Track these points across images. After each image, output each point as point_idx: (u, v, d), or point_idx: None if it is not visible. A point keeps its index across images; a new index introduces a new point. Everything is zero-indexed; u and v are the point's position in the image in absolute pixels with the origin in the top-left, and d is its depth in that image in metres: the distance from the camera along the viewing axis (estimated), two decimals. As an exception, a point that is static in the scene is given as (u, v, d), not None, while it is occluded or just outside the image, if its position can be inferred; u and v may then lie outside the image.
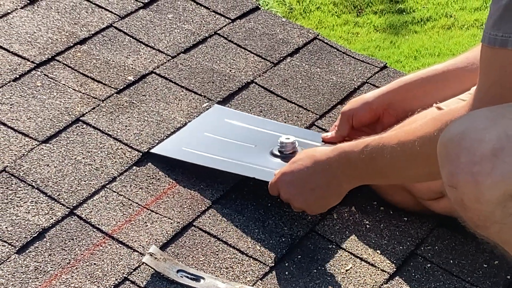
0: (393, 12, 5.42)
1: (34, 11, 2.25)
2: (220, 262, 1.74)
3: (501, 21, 1.43)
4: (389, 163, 1.66)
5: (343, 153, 1.73)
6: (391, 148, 1.64)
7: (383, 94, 1.95)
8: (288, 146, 1.93)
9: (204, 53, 2.26)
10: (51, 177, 1.83)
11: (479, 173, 1.41)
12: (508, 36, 1.43)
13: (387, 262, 1.81)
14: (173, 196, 1.86)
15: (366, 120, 1.96)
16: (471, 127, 1.44)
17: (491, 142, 1.40)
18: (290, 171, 1.79)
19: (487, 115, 1.44)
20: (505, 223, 1.44)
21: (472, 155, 1.42)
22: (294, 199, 1.80)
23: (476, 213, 1.45)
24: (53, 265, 1.67)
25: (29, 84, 2.04)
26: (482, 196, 1.42)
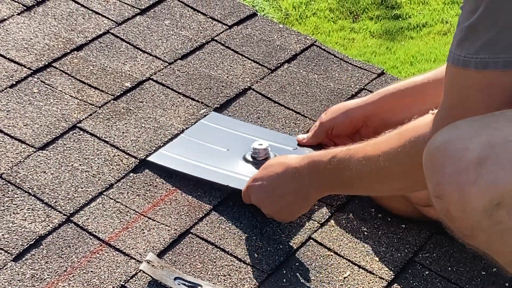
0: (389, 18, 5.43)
1: (30, 18, 2.24)
2: (218, 269, 1.74)
3: (464, 42, 1.45)
4: (355, 176, 1.68)
5: (312, 162, 1.75)
6: (357, 161, 1.66)
7: (363, 105, 1.96)
8: (261, 152, 1.94)
9: (201, 59, 2.25)
10: (48, 184, 1.82)
11: (464, 183, 1.41)
12: (471, 57, 1.44)
13: (385, 269, 1.80)
14: (170, 203, 1.85)
15: (345, 132, 1.98)
16: (455, 137, 1.44)
17: (475, 151, 1.40)
18: (260, 177, 1.81)
19: (471, 124, 1.45)
20: (492, 232, 1.43)
21: (456, 165, 1.42)
22: (264, 204, 1.81)
23: (463, 222, 1.45)
24: (50, 272, 1.66)
25: (25, 90, 2.04)
26: (468, 205, 1.41)
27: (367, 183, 1.70)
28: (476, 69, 1.44)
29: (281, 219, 1.83)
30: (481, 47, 1.43)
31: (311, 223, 1.88)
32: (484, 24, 1.42)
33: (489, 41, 1.42)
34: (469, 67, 1.45)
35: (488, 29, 1.42)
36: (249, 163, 1.94)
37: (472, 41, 1.44)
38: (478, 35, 1.43)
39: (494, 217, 1.41)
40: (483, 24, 1.42)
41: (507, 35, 1.41)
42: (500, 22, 1.41)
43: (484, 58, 1.43)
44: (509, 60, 1.42)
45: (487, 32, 1.42)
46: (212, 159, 1.95)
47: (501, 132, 1.41)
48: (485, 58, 1.43)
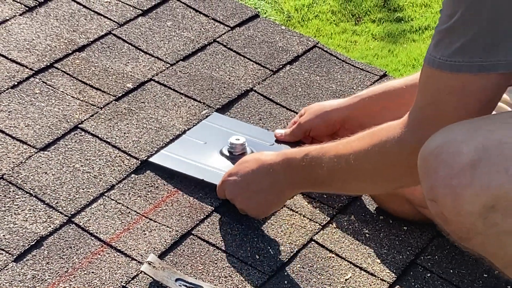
0: (391, 21, 5.42)
1: (32, 18, 2.24)
2: (219, 271, 1.73)
3: (440, 44, 1.46)
4: (326, 174, 1.69)
5: (286, 159, 1.76)
6: (329, 159, 1.68)
7: (340, 108, 1.97)
8: (238, 147, 1.94)
9: (203, 60, 2.25)
10: (49, 184, 1.82)
11: (458, 186, 1.41)
12: (445, 59, 1.46)
13: (386, 271, 1.80)
14: (171, 204, 1.85)
15: (322, 134, 1.99)
16: (448, 140, 1.44)
17: (468, 154, 1.40)
18: (235, 172, 1.81)
19: (464, 127, 1.45)
20: (487, 234, 1.43)
21: (450, 168, 1.42)
22: (237, 199, 1.81)
23: (458, 225, 1.45)
24: (51, 273, 1.66)
25: (27, 91, 2.03)
26: (462, 208, 1.42)
27: (338, 181, 1.71)
28: (451, 71, 1.46)
29: (254, 214, 1.83)
30: (456, 51, 1.45)
31: (312, 225, 1.87)
32: (461, 29, 1.44)
33: (464, 45, 1.44)
34: (443, 69, 1.47)
35: (464, 33, 1.43)
36: (226, 158, 1.95)
37: (448, 44, 1.45)
38: (454, 38, 1.44)
39: (488, 220, 1.41)
40: (460, 29, 1.44)
41: (481, 40, 1.43)
42: (475, 27, 1.42)
43: (458, 61, 1.45)
44: (482, 64, 1.44)
45: (463, 36, 1.43)
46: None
47: (495, 134, 1.41)
48: (460, 62, 1.45)
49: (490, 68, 1.44)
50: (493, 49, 1.43)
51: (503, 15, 1.41)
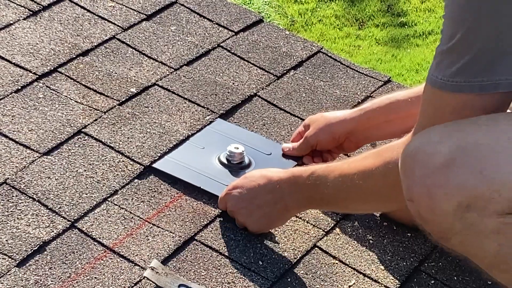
0: (394, 26, 5.42)
1: (36, 22, 2.24)
2: (222, 276, 1.73)
3: (442, 65, 1.48)
4: (332, 193, 1.70)
5: (292, 177, 1.77)
6: (334, 179, 1.68)
7: (346, 121, 1.98)
8: (236, 156, 1.94)
9: (207, 65, 2.25)
10: (52, 189, 1.82)
11: (432, 185, 1.44)
12: (447, 80, 1.47)
13: (390, 278, 1.79)
14: (175, 209, 1.84)
15: (328, 147, 2.00)
16: (425, 141, 1.47)
17: (444, 154, 1.43)
18: (240, 185, 1.82)
19: (442, 129, 1.48)
20: (465, 234, 1.46)
21: (425, 168, 1.45)
22: (240, 212, 1.81)
23: (436, 225, 1.48)
24: (54, 278, 1.65)
25: (31, 95, 2.03)
26: (437, 208, 1.44)
27: (343, 201, 1.72)
28: (452, 91, 1.48)
29: (254, 229, 1.82)
30: (457, 71, 1.46)
31: (316, 231, 1.87)
32: (461, 49, 1.45)
33: (464, 65, 1.45)
34: (445, 90, 1.48)
35: (464, 54, 1.45)
36: (223, 166, 1.95)
37: (449, 64, 1.47)
38: (454, 59, 1.46)
39: (465, 220, 1.44)
40: (460, 49, 1.45)
41: (481, 60, 1.44)
42: (475, 48, 1.44)
43: (459, 81, 1.46)
44: (483, 84, 1.45)
45: (463, 57, 1.45)
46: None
47: (471, 136, 1.44)
48: (461, 82, 1.46)
49: (491, 88, 1.45)
50: (493, 68, 1.44)
51: (502, 35, 1.42)
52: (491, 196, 1.41)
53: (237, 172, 1.93)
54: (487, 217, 1.43)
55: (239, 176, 1.89)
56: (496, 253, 1.47)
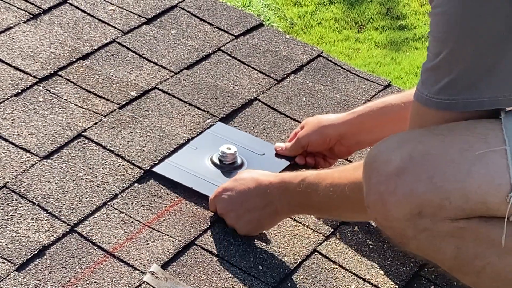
0: (394, 29, 5.42)
1: (37, 26, 2.23)
2: (222, 281, 1.73)
3: (427, 81, 1.50)
4: (322, 201, 1.71)
5: (283, 182, 1.77)
6: (324, 187, 1.69)
7: (338, 124, 1.98)
8: (229, 156, 1.94)
9: (208, 69, 2.25)
10: (52, 193, 1.82)
11: (384, 193, 1.48)
12: (432, 97, 1.49)
13: (390, 283, 1.79)
14: (175, 214, 1.84)
15: (319, 149, 2.00)
16: (382, 149, 1.51)
17: (395, 162, 1.47)
18: (230, 188, 1.82)
19: (398, 138, 1.52)
20: (420, 239, 1.49)
21: (379, 176, 1.49)
22: (229, 215, 1.82)
23: (391, 230, 1.52)
24: (53, 283, 1.65)
25: (31, 99, 2.03)
26: (389, 214, 1.48)
27: (334, 210, 1.73)
28: (437, 109, 1.50)
29: (242, 232, 1.83)
30: (442, 89, 1.48)
31: (316, 235, 1.87)
32: (446, 67, 1.47)
33: (449, 83, 1.47)
34: (430, 107, 1.51)
35: (449, 72, 1.47)
36: (215, 166, 1.95)
37: (434, 82, 1.49)
38: (439, 76, 1.48)
39: (418, 226, 1.47)
40: (445, 67, 1.47)
41: (465, 79, 1.47)
42: (460, 66, 1.46)
43: (444, 99, 1.49)
44: (467, 101, 1.47)
45: (448, 74, 1.47)
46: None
47: (424, 145, 1.48)
48: (445, 100, 1.48)
49: (474, 106, 1.48)
50: (476, 87, 1.47)
51: (483, 55, 1.45)
52: (441, 204, 1.45)
53: (229, 172, 1.93)
54: (440, 222, 1.46)
55: (232, 176, 1.89)
56: (454, 255, 1.50)
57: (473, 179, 1.44)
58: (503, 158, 1.44)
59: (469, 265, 1.50)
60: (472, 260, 1.49)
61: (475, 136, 1.47)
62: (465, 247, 1.48)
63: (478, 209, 1.45)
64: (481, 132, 1.47)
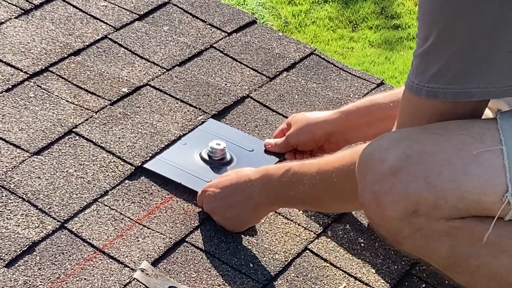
0: (388, 28, 5.42)
1: (28, 21, 2.22)
2: (213, 279, 1.72)
3: (417, 69, 1.48)
4: (307, 191, 1.69)
5: (266, 175, 1.76)
6: (310, 176, 1.68)
7: (326, 122, 1.97)
8: (218, 152, 1.94)
9: (200, 66, 2.24)
10: (42, 189, 1.81)
11: (379, 192, 1.47)
12: (422, 85, 1.47)
13: (381, 281, 1.79)
14: (165, 211, 1.83)
15: (309, 147, 1.99)
16: (377, 148, 1.50)
17: (391, 161, 1.46)
18: (215, 185, 1.82)
19: (393, 136, 1.50)
20: (415, 238, 1.48)
21: (374, 174, 1.48)
22: (214, 212, 1.82)
23: (386, 229, 1.51)
24: (43, 279, 1.64)
25: (21, 95, 2.02)
26: (384, 213, 1.47)
27: (319, 199, 1.71)
28: (427, 97, 1.47)
29: (229, 228, 1.82)
30: (432, 77, 1.45)
31: (307, 233, 1.86)
32: (435, 53, 1.44)
33: (439, 71, 1.44)
34: (421, 95, 1.48)
35: (438, 58, 1.44)
36: (204, 162, 1.94)
37: (424, 70, 1.46)
38: (429, 63, 1.45)
39: (413, 225, 1.46)
40: (435, 53, 1.44)
41: (455, 66, 1.43)
42: (449, 52, 1.43)
43: (434, 87, 1.46)
44: (456, 91, 1.44)
45: (437, 61, 1.44)
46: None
47: (419, 144, 1.46)
48: (435, 88, 1.46)
49: (464, 96, 1.45)
50: (466, 76, 1.43)
51: (476, 42, 1.41)
52: (437, 203, 1.44)
53: (218, 168, 1.93)
54: (434, 222, 1.45)
55: (221, 172, 1.88)
56: (449, 254, 1.49)
57: (469, 179, 1.43)
58: (499, 158, 1.43)
59: (464, 264, 1.50)
60: (466, 259, 1.49)
61: (471, 136, 1.45)
62: (460, 247, 1.48)
63: (473, 209, 1.44)
64: (477, 132, 1.46)
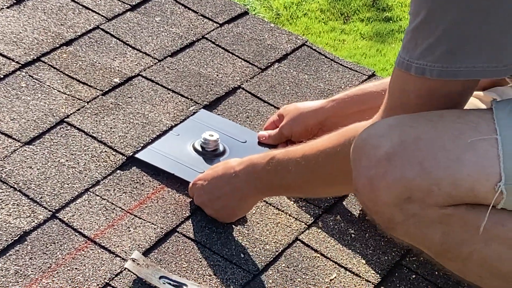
0: (379, 20, 5.42)
1: (20, 11, 2.22)
2: (204, 269, 1.72)
3: (408, 46, 1.47)
4: (294, 177, 1.69)
5: (250, 165, 1.76)
6: (296, 162, 1.68)
7: (318, 111, 1.97)
8: (211, 143, 1.94)
9: (192, 57, 2.24)
10: (34, 179, 1.81)
11: (374, 177, 1.47)
12: (412, 61, 1.47)
13: (372, 272, 1.79)
14: (157, 201, 1.84)
15: (303, 137, 1.99)
16: (372, 133, 1.50)
17: (386, 147, 1.46)
18: (204, 177, 1.82)
19: (389, 122, 1.51)
20: (409, 224, 1.48)
21: (369, 160, 1.48)
22: (204, 205, 1.82)
23: (380, 215, 1.51)
24: (34, 269, 1.64)
25: (13, 84, 2.02)
26: (378, 199, 1.47)
27: (306, 184, 1.71)
28: (416, 74, 1.47)
29: (221, 220, 1.82)
30: (421, 53, 1.45)
31: (298, 224, 1.87)
32: (425, 30, 1.44)
33: (428, 48, 1.44)
34: (410, 72, 1.48)
35: (428, 35, 1.44)
36: (197, 153, 1.94)
37: (414, 46, 1.46)
38: (419, 40, 1.45)
39: (406, 211, 1.47)
40: (425, 29, 1.44)
41: (444, 44, 1.43)
42: (439, 29, 1.43)
43: (422, 64, 1.46)
44: (443, 69, 1.44)
45: (427, 38, 1.44)
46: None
47: (414, 131, 1.46)
48: (423, 65, 1.46)
49: (450, 74, 1.45)
50: (454, 54, 1.43)
51: (466, 21, 1.41)
52: (430, 189, 1.44)
53: (211, 159, 1.93)
54: (428, 208, 1.46)
55: (213, 163, 1.89)
56: (441, 241, 1.50)
57: (463, 166, 1.43)
58: (494, 147, 1.43)
59: (456, 251, 1.50)
60: (458, 246, 1.49)
61: (466, 124, 1.46)
62: (452, 234, 1.48)
63: (467, 197, 1.45)
64: (472, 120, 1.46)
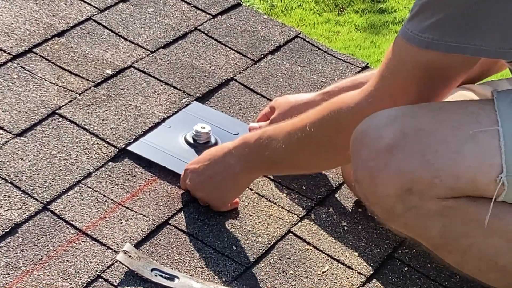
0: (374, 12, 5.42)
1: (11, 2, 2.21)
2: (196, 261, 1.72)
3: (415, 18, 1.47)
4: (284, 149, 1.69)
5: (242, 141, 1.76)
6: (285, 133, 1.68)
7: (310, 103, 1.95)
8: (202, 135, 1.94)
9: (184, 48, 2.23)
10: (25, 171, 1.80)
11: (374, 169, 1.46)
12: (416, 34, 1.46)
13: (364, 264, 1.79)
14: (149, 193, 1.83)
15: None
16: (373, 124, 1.49)
17: (387, 139, 1.46)
18: (196, 161, 1.82)
19: (390, 113, 1.50)
20: (408, 216, 1.48)
21: (370, 151, 1.47)
22: (196, 188, 1.81)
23: (380, 207, 1.51)
24: (25, 261, 1.64)
25: (4, 76, 2.01)
26: (378, 190, 1.47)
27: (294, 156, 1.70)
28: (418, 46, 1.47)
29: (213, 203, 1.81)
30: (428, 27, 1.45)
31: (290, 216, 1.86)
32: (437, 5, 1.44)
33: (436, 23, 1.44)
34: (412, 43, 1.47)
35: (438, 10, 1.44)
36: (189, 145, 1.94)
37: (421, 19, 1.46)
38: (428, 14, 1.45)
39: (407, 203, 1.46)
40: (436, 5, 1.44)
41: (454, 21, 1.43)
42: (451, 6, 1.43)
43: (428, 38, 1.45)
44: (451, 44, 1.44)
45: (437, 13, 1.44)
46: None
47: (415, 122, 1.46)
48: (429, 38, 1.45)
49: (457, 50, 1.45)
50: (463, 31, 1.43)
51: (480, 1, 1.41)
52: (432, 181, 1.44)
53: (203, 151, 1.92)
54: (428, 200, 1.46)
55: None
56: (441, 234, 1.50)
57: (465, 158, 1.43)
58: (495, 139, 1.43)
59: (455, 244, 1.50)
60: (457, 239, 1.49)
61: (467, 115, 1.45)
62: (452, 226, 1.48)
63: (468, 189, 1.44)
64: (473, 111, 1.46)
